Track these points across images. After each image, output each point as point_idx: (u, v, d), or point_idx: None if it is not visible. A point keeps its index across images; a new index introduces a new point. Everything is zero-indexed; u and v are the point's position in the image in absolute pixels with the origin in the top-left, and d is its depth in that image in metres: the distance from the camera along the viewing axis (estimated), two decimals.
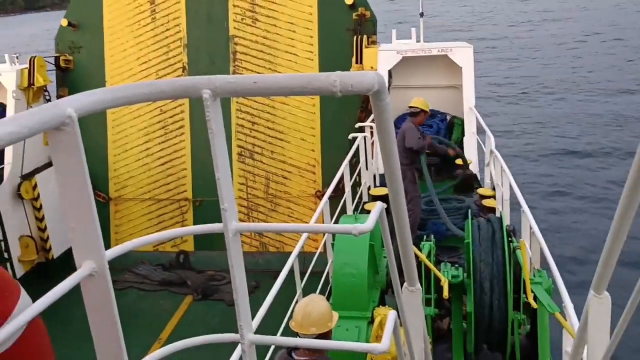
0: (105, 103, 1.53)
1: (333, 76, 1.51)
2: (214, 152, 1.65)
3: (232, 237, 1.73)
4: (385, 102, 1.69)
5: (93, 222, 1.47)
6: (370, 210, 6.85)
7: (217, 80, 1.59)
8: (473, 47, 11.34)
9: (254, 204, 12.56)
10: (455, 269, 5.56)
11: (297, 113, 12.37)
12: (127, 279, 11.84)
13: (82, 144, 1.43)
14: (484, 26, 47.57)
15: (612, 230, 2.12)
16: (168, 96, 1.62)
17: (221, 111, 1.66)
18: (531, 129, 22.69)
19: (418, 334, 2.73)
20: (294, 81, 1.54)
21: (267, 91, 1.57)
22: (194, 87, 1.60)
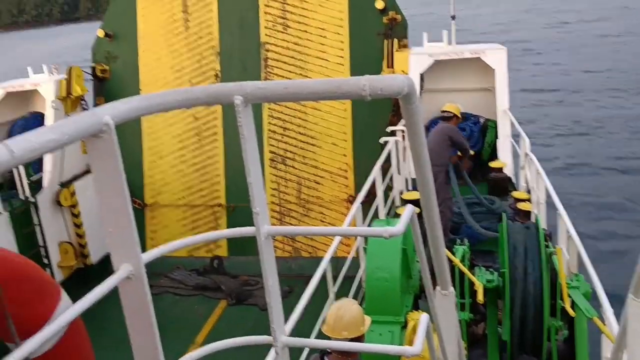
0: (141, 110, 1.57)
1: (362, 80, 1.53)
2: (245, 157, 1.68)
3: (264, 241, 1.75)
4: (415, 105, 1.70)
5: (130, 227, 1.51)
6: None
7: (248, 87, 1.62)
8: (507, 50, 11.19)
9: (286, 209, 12.63)
10: (490, 273, 5.49)
11: (328, 118, 12.40)
12: (162, 283, 12.04)
13: (119, 151, 1.48)
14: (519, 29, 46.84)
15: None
16: (201, 103, 1.66)
17: (252, 117, 1.69)
18: (568, 133, 22.25)
19: (451, 338, 2.71)
20: (323, 86, 1.56)
21: (297, 96, 1.59)
22: (225, 94, 1.64)
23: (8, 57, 51.75)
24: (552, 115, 24.63)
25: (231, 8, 12.64)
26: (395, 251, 5.38)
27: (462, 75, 11.89)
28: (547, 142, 21.18)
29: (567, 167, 18.93)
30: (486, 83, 11.60)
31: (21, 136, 1.18)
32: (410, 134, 1.76)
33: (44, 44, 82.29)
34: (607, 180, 17.58)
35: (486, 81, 11.55)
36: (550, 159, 19.18)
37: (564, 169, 18.71)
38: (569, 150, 20.59)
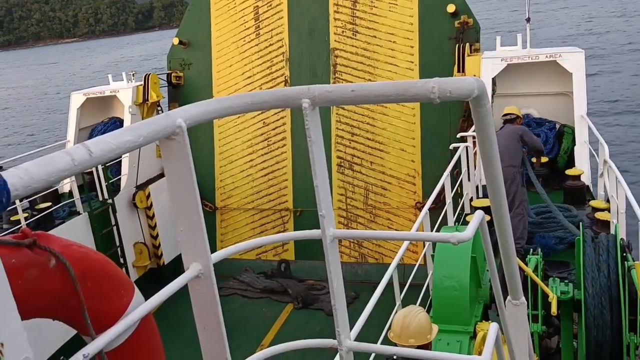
0: (212, 113, 1.61)
1: (431, 82, 1.51)
2: (312, 159, 1.69)
3: (330, 243, 1.75)
4: (485, 108, 1.65)
5: (200, 226, 1.55)
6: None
7: (316, 90, 1.63)
8: (584, 53, 10.74)
9: (354, 215, 12.62)
10: (565, 285, 5.26)
11: (397, 123, 12.31)
12: (231, 285, 12.30)
13: (190, 152, 1.52)
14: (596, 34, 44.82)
15: None
16: (270, 106, 1.68)
17: (320, 120, 1.70)
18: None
19: (523, 350, 2.61)
20: (391, 89, 1.55)
21: (365, 99, 1.59)
22: (294, 97, 1.65)
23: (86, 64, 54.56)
24: (632, 122, 23.39)
25: (301, 15, 12.80)
26: (464, 259, 5.26)
27: (537, 80, 11.50)
28: (627, 149, 20.12)
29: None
30: (563, 87, 11.17)
31: (99, 137, 1.23)
32: (481, 137, 1.71)
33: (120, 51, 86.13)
34: None
35: (563, 85, 11.12)
36: (630, 167, 18.22)
37: None
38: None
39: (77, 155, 1.14)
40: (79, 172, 1.17)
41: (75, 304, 1.47)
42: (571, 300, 5.10)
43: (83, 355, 1.24)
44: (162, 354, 1.85)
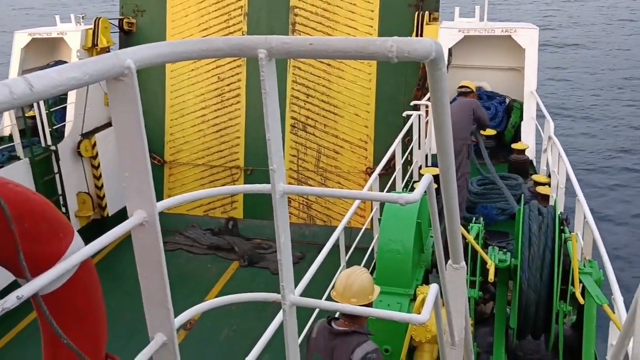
0: (164, 57, 1.55)
1: (390, 41, 1.49)
2: (265, 111, 1.66)
3: (279, 199, 1.74)
4: (441, 71, 1.66)
5: (146, 172, 1.51)
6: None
7: (273, 40, 1.59)
8: (539, 30, 10.92)
9: (304, 177, 12.65)
10: (503, 254, 5.46)
11: (352, 88, 12.29)
12: (177, 240, 12.21)
13: (139, 96, 1.47)
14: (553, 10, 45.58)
15: None
16: (224, 54, 1.63)
17: (275, 72, 1.67)
18: (593, 117, 21.83)
19: (459, 312, 2.71)
20: (350, 45, 1.52)
21: (322, 54, 1.56)
22: (250, 46, 1.61)
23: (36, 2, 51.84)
24: (579, 100, 24.15)
25: None
26: (409, 224, 5.36)
27: (492, 53, 11.66)
28: (573, 125, 20.81)
29: (590, 152, 18.64)
30: (515, 62, 11.37)
31: (42, 71, 1.17)
32: (435, 101, 1.72)
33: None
34: (631, 165, 17.32)
35: (515, 61, 11.32)
36: (574, 144, 18.89)
37: (587, 154, 18.42)
38: (592, 134, 20.25)
39: (17, 88, 1.08)
40: (18, 106, 1.10)
41: (10, 245, 1.42)
42: (508, 268, 5.30)
43: (17, 296, 1.20)
44: (101, 301, 1.82)
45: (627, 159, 17.98)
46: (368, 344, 3.59)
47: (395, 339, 4.97)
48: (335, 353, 3.62)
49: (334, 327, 3.67)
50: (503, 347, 5.49)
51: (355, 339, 3.59)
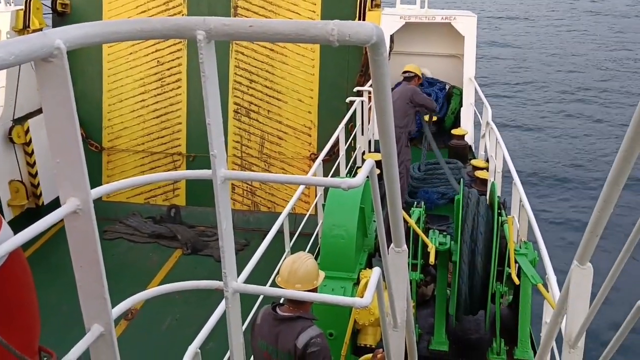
0: (95, 37, 1.49)
1: (331, 24, 1.48)
2: (205, 95, 1.63)
3: (221, 185, 1.71)
4: (383, 56, 1.66)
5: (79, 158, 1.44)
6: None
7: (212, 22, 1.55)
8: (477, 17, 11.18)
9: (248, 163, 12.54)
10: (444, 237, 5.59)
11: (296, 73, 12.24)
12: (117, 229, 11.88)
13: (70, 78, 1.40)
14: None
15: (600, 202, 2.12)
16: (161, 35, 1.58)
17: (215, 55, 1.63)
18: (530, 103, 22.61)
19: (401, 295, 2.75)
20: (290, 27, 1.50)
21: (263, 36, 1.53)
22: (187, 27, 1.56)
23: None
24: (517, 86, 24.92)
25: None
26: (353, 209, 5.42)
27: (432, 40, 11.86)
28: (509, 112, 21.49)
29: (527, 137, 19.31)
30: (455, 49, 11.60)
31: None
32: (376, 86, 1.72)
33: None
34: (566, 150, 18.07)
35: (455, 48, 11.55)
36: (512, 128, 19.52)
37: (525, 139, 19.06)
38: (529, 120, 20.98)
39: None
40: None
41: None
42: (448, 251, 5.44)
43: None
44: (32, 293, 1.74)
45: (563, 143, 18.74)
46: (312, 328, 3.60)
47: (339, 323, 5.03)
48: (280, 339, 3.62)
49: (279, 313, 3.67)
50: (444, 328, 5.65)
51: (300, 324, 3.60)
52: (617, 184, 1.98)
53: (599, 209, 2.15)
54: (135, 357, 8.09)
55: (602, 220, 2.18)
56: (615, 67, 27.29)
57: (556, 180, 15.98)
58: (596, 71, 26.69)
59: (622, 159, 1.86)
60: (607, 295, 2.27)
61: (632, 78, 25.01)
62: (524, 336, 5.33)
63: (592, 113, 21.46)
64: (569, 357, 2.66)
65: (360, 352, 5.10)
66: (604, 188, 2.07)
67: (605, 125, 20.17)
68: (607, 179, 2.02)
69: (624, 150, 1.83)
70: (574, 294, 2.51)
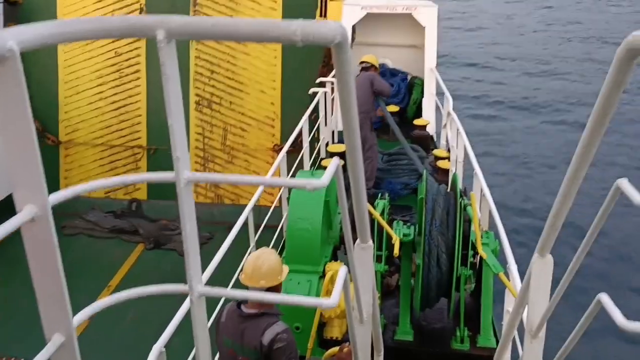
0: (51, 37, 1.43)
1: (294, 25, 1.46)
2: (167, 97, 1.58)
3: (184, 187, 1.68)
4: (347, 55, 1.65)
5: (35, 163, 1.39)
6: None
7: (172, 21, 1.51)
8: (438, 7, 11.26)
9: (211, 155, 12.40)
10: (407, 228, 5.65)
11: (258, 64, 12.14)
12: (76, 224, 11.61)
13: (24, 81, 1.35)
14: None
15: (559, 196, 2.16)
16: (120, 34, 1.53)
17: (176, 54, 1.59)
18: (491, 93, 22.93)
19: (367, 290, 2.77)
20: (253, 27, 1.47)
21: (225, 36, 1.50)
22: (147, 26, 1.51)
23: None
24: (478, 77, 25.28)
25: None
26: (317, 202, 5.42)
27: (394, 31, 11.90)
28: (471, 102, 21.78)
29: (488, 127, 19.60)
30: (416, 40, 11.68)
31: None
32: (340, 84, 1.71)
33: None
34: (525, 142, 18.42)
35: (416, 38, 11.63)
36: (474, 118, 19.78)
37: (486, 128, 19.35)
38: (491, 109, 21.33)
39: None
40: None
41: None
42: (412, 242, 5.50)
43: None
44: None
45: (526, 133, 19.07)
46: (278, 324, 3.60)
47: (305, 316, 5.04)
48: (245, 336, 3.61)
49: (243, 310, 3.65)
50: (408, 318, 5.72)
51: (265, 320, 3.60)
52: (576, 178, 2.03)
53: (559, 203, 2.19)
54: (97, 358, 7.94)
55: (562, 213, 2.23)
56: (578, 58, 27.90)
57: (517, 170, 16.31)
58: (559, 61, 27.18)
59: (580, 154, 1.91)
60: (568, 286, 2.33)
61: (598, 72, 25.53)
62: (487, 324, 5.44)
63: (556, 98, 21.85)
64: (530, 347, 2.72)
65: (326, 345, 5.13)
66: (563, 182, 2.11)
67: (569, 112, 20.50)
68: (567, 174, 2.06)
69: (583, 146, 1.87)
70: (534, 285, 2.57)
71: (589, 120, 1.81)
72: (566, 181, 2.07)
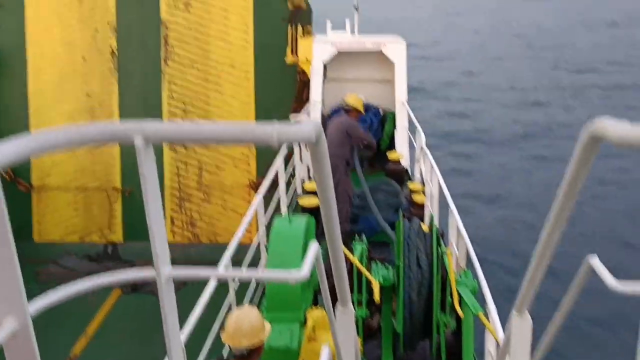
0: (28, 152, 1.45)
1: (270, 128, 1.50)
2: (145, 198, 1.60)
3: (165, 284, 1.69)
4: (322, 148, 1.70)
5: (14, 275, 1.39)
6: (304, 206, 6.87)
7: (150, 127, 1.53)
8: (406, 43, 11.50)
9: (187, 195, 12.34)
10: (386, 269, 5.68)
11: (231, 102, 12.21)
12: (51, 271, 11.41)
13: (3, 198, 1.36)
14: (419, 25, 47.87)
15: (537, 252, 2.21)
16: (96, 142, 1.55)
17: (154, 157, 1.61)
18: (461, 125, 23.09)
19: (350, 354, 2.78)
20: (231, 131, 1.51)
21: (204, 140, 1.53)
22: (125, 133, 1.54)
23: None
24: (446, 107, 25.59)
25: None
26: (296, 248, 5.43)
27: (364, 66, 12.11)
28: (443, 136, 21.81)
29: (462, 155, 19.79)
30: (386, 74, 11.88)
31: None
32: (317, 175, 1.76)
33: None
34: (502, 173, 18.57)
35: (387, 73, 11.83)
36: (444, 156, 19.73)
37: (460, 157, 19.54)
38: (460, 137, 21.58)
39: None
40: None
41: None
42: (392, 284, 5.53)
43: None
44: None
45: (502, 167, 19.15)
46: None
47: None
48: None
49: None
50: (391, 358, 5.72)
51: None
52: (548, 247, 2.09)
53: (536, 261, 2.24)
54: None
55: (539, 272, 2.28)
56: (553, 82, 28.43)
57: (492, 201, 16.40)
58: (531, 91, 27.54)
59: (550, 228, 1.96)
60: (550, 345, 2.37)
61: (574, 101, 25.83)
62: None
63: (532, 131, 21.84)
64: None
65: None
66: (536, 248, 2.17)
67: (544, 145, 20.38)
68: (538, 244, 2.12)
69: (552, 223, 1.93)
70: (514, 345, 2.61)
71: (557, 197, 1.87)
72: (542, 239, 2.12)
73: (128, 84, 12.05)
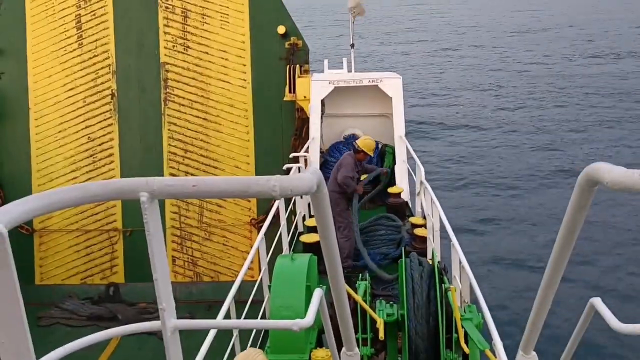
0: (37, 211, 1.49)
1: (272, 181, 1.54)
2: (151, 253, 1.63)
3: (171, 336, 1.70)
4: (323, 194, 1.73)
5: (24, 339, 1.42)
6: (305, 242, 6.87)
7: (155, 183, 1.58)
8: (402, 78, 11.66)
9: (188, 233, 12.34)
10: (390, 306, 5.65)
11: (231, 141, 12.32)
12: (53, 314, 11.32)
13: (12, 259, 1.39)
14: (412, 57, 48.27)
15: (539, 295, 2.23)
16: (103, 199, 1.59)
17: (159, 212, 1.65)
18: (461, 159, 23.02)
19: None
20: (233, 185, 1.55)
21: (207, 194, 1.57)
22: (130, 190, 1.58)
23: None
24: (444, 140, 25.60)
25: (129, 26, 12.26)
26: (299, 289, 5.41)
27: (361, 101, 12.24)
28: (443, 168, 21.78)
29: (461, 188, 19.77)
30: (384, 109, 12.01)
31: None
32: (320, 224, 1.79)
33: None
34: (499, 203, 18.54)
35: (384, 107, 11.96)
36: (445, 186, 19.72)
37: (460, 190, 19.53)
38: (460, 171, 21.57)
39: None
40: None
41: None
42: (396, 321, 5.50)
43: None
44: None
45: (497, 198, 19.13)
46: None
47: None
48: None
49: None
50: None
51: None
52: (551, 287, 2.11)
53: (539, 303, 2.25)
54: None
55: (542, 313, 2.29)
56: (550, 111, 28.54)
57: (495, 236, 16.30)
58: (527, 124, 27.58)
59: (551, 270, 1.99)
60: None
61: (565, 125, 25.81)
62: None
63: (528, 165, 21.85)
64: None
65: None
66: (541, 284, 2.18)
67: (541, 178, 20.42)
68: (541, 284, 2.14)
69: (553, 264, 1.95)
70: None
71: (556, 240, 1.90)
72: (544, 283, 2.14)
73: (129, 126, 12.18)
